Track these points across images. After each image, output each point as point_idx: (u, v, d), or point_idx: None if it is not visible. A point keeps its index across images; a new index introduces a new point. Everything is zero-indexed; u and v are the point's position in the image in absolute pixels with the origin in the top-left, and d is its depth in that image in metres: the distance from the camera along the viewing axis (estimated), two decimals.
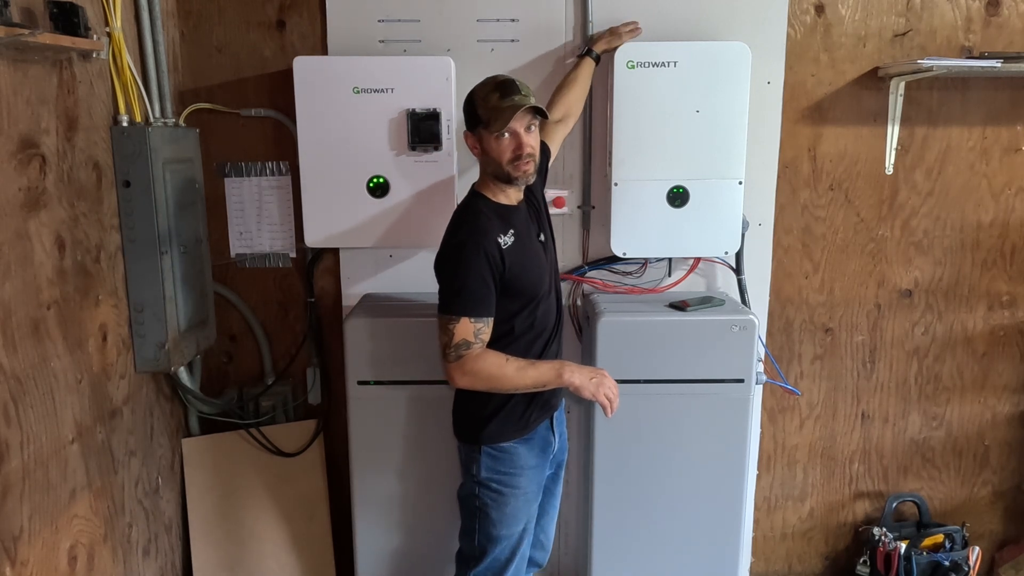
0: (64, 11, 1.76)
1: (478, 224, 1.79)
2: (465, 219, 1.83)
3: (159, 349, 2.15)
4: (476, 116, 1.80)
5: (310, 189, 2.29)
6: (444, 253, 1.80)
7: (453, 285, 1.77)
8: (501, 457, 1.91)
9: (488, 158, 1.81)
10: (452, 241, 1.80)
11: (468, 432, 1.94)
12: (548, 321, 1.94)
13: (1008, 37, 2.40)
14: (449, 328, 1.76)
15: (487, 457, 1.91)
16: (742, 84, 2.22)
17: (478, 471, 1.92)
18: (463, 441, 1.96)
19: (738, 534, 2.35)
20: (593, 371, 1.87)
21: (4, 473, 1.62)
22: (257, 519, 2.54)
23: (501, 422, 1.90)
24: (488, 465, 1.91)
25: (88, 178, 1.95)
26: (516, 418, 1.91)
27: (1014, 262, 2.56)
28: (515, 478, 1.92)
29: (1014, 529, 2.75)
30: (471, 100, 1.81)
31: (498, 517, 1.93)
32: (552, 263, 1.99)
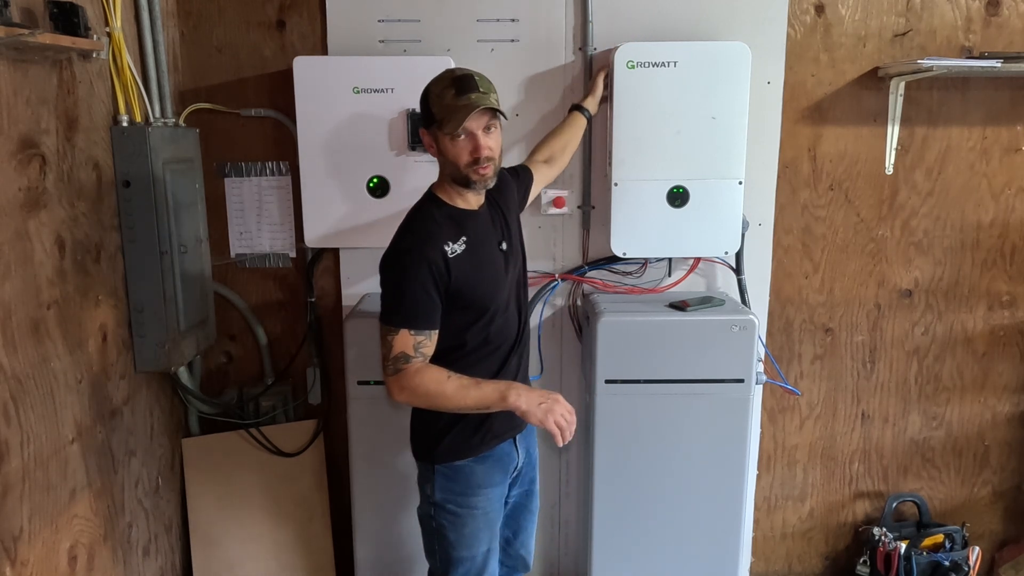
0: (64, 11, 1.76)
1: (425, 230, 1.69)
2: (413, 225, 1.73)
3: (159, 349, 2.15)
4: (430, 114, 1.69)
5: (310, 189, 2.29)
6: (387, 258, 1.69)
7: (394, 295, 1.67)
8: (456, 477, 1.81)
9: (445, 159, 1.71)
10: (397, 246, 1.70)
11: (421, 449, 1.84)
12: (506, 336, 1.82)
13: (1008, 37, 2.40)
14: (388, 340, 1.67)
15: (441, 477, 1.81)
16: (742, 84, 2.22)
17: (433, 491, 1.82)
18: (417, 459, 1.87)
19: (738, 534, 2.35)
20: (543, 395, 1.71)
21: (4, 473, 1.62)
22: (257, 519, 2.54)
23: (455, 439, 1.79)
24: (442, 485, 1.81)
25: (88, 178, 1.95)
26: (470, 435, 1.80)
27: (1014, 262, 2.56)
28: (471, 498, 1.82)
29: (1014, 529, 2.75)
30: (425, 96, 1.70)
31: (456, 539, 1.83)
32: (516, 274, 1.87)
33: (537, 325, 2.51)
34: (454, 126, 1.65)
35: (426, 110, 1.70)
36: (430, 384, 1.67)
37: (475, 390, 1.68)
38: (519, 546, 2.05)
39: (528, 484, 2.02)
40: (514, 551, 2.05)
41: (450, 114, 1.64)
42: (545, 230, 2.49)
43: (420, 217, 1.74)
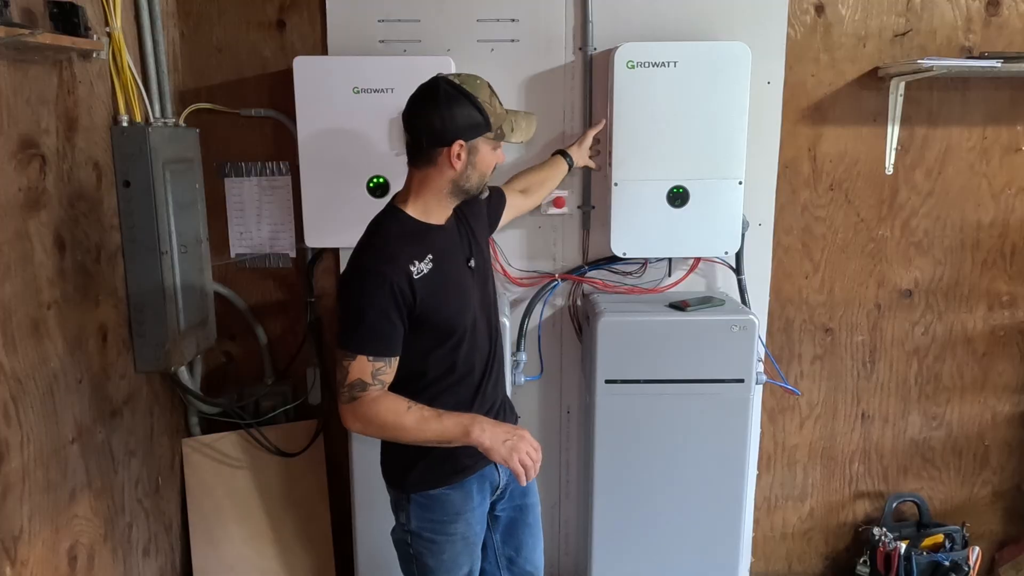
0: (64, 11, 1.76)
1: (387, 250, 1.57)
2: (373, 241, 1.61)
3: (159, 349, 2.15)
4: (486, 123, 1.58)
5: (310, 189, 2.29)
6: (345, 277, 1.58)
7: (351, 317, 1.55)
8: (431, 505, 1.71)
9: (472, 170, 1.60)
10: (356, 265, 1.58)
11: (393, 478, 1.74)
12: (474, 363, 1.70)
13: (1008, 37, 2.40)
14: (344, 365, 1.56)
15: (416, 506, 1.71)
16: (742, 84, 2.22)
17: (407, 520, 1.73)
18: (389, 486, 1.77)
19: (738, 534, 2.35)
20: (509, 431, 1.60)
21: (4, 473, 1.62)
22: (257, 519, 2.54)
23: (428, 468, 1.69)
24: (418, 514, 1.72)
25: (88, 178, 1.95)
26: (442, 462, 1.68)
27: (1014, 262, 2.56)
28: (450, 525, 1.73)
29: (1014, 529, 2.74)
30: (473, 104, 1.57)
31: (436, 564, 1.74)
32: (486, 294, 1.76)
33: (537, 325, 2.51)
34: (525, 135, 1.66)
35: (474, 118, 1.57)
36: (387, 415, 1.56)
37: (435, 423, 1.57)
38: (524, 563, 1.95)
39: (520, 499, 1.90)
40: (520, 569, 1.95)
41: (509, 122, 1.63)
42: (545, 230, 2.49)
43: (381, 234, 1.61)
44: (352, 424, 1.59)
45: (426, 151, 1.59)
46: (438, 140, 1.56)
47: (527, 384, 2.51)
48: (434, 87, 1.58)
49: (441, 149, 1.57)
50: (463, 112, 1.56)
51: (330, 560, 2.59)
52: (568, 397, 2.60)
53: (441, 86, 1.57)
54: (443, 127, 1.55)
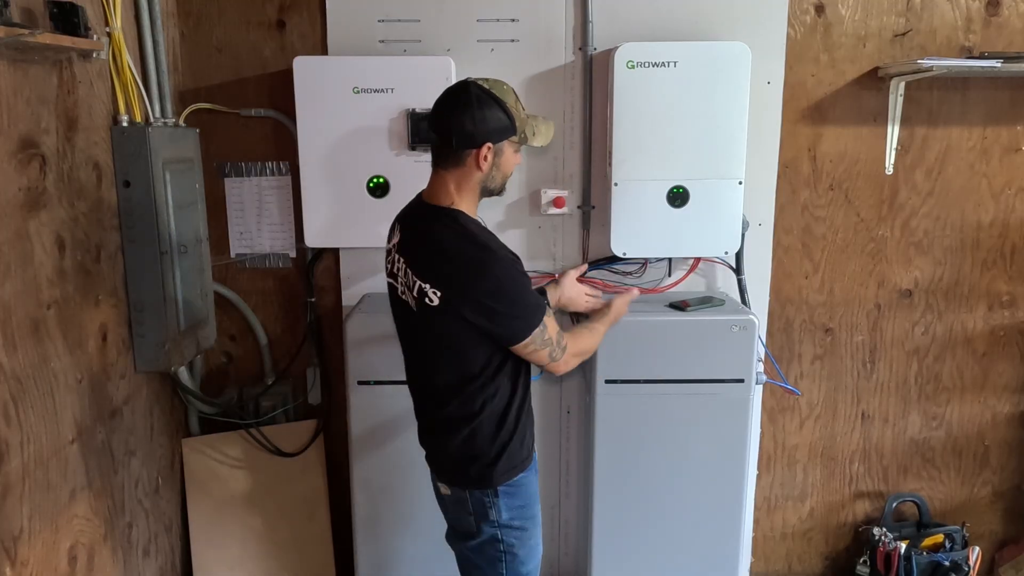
0: (64, 11, 1.76)
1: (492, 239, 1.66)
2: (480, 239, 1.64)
3: (159, 349, 2.15)
4: (513, 127, 1.64)
5: (310, 189, 2.29)
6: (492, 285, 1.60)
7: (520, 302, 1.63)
8: (517, 492, 1.78)
9: (497, 171, 1.67)
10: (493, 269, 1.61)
11: (477, 478, 1.76)
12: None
13: (1008, 37, 2.40)
14: (545, 337, 1.67)
15: (504, 497, 1.77)
16: (742, 84, 2.22)
17: (498, 515, 1.77)
18: (474, 488, 1.77)
19: (738, 534, 2.35)
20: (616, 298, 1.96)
21: (4, 473, 1.62)
22: (257, 519, 2.54)
23: (511, 456, 1.76)
24: (507, 504, 1.77)
25: (88, 178, 1.95)
26: (521, 445, 1.79)
27: (1014, 262, 2.56)
28: (532, 507, 1.83)
29: (1014, 529, 2.74)
30: (503, 108, 1.63)
31: (524, 554, 1.82)
32: None
33: None
34: (544, 139, 1.72)
35: (503, 123, 1.63)
36: (584, 342, 1.82)
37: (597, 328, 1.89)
38: None
39: None
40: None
41: (531, 127, 1.69)
42: (545, 230, 2.49)
43: (475, 229, 1.66)
44: (571, 364, 1.78)
45: (456, 152, 1.63)
46: (469, 142, 1.61)
47: None
48: (465, 90, 1.62)
49: (471, 151, 1.62)
50: (493, 116, 1.61)
51: (330, 560, 2.59)
52: (568, 397, 2.60)
53: (472, 90, 1.61)
54: (474, 130, 1.60)
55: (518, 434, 1.77)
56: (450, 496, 1.83)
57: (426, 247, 1.66)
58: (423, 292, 1.63)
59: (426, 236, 1.67)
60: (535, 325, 1.64)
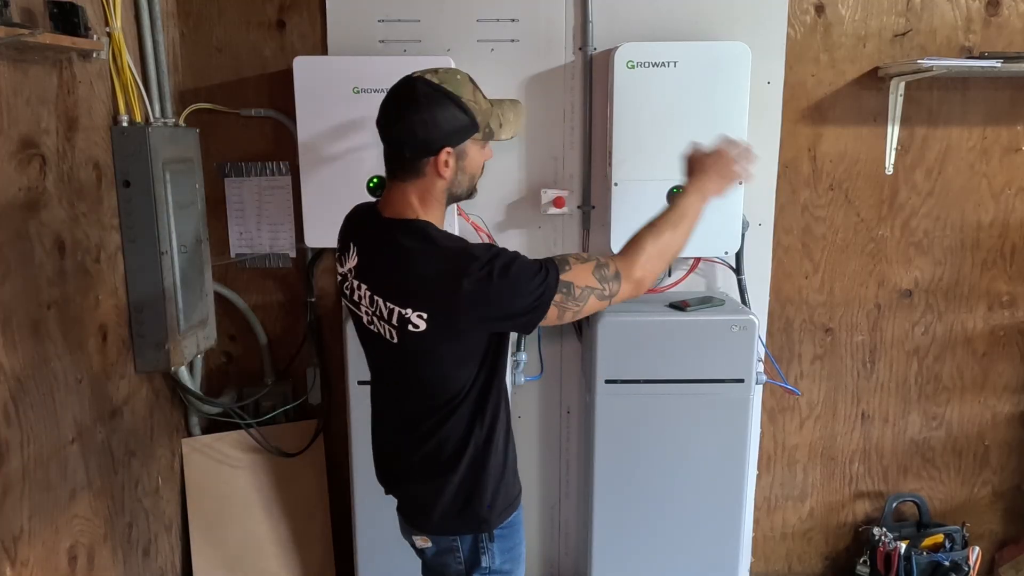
0: (64, 11, 1.76)
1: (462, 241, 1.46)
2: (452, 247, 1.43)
3: (159, 349, 2.15)
4: (473, 124, 1.42)
5: (310, 189, 2.29)
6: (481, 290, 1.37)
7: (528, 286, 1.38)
8: (510, 533, 1.62)
9: (463, 176, 1.46)
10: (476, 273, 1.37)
11: (474, 522, 1.57)
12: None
13: (1008, 37, 2.40)
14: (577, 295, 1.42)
15: (499, 540, 1.59)
16: (742, 84, 2.22)
17: (491, 560, 1.59)
18: (466, 533, 1.58)
19: (738, 534, 2.35)
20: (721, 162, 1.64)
21: (4, 473, 1.62)
22: (257, 519, 2.54)
23: (505, 494, 1.59)
24: (500, 548, 1.60)
25: (88, 178, 1.95)
26: (514, 477, 1.63)
27: (1014, 262, 2.56)
28: (519, 546, 1.67)
29: (1014, 529, 2.74)
30: (459, 105, 1.40)
31: None
32: None
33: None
34: (513, 129, 1.48)
35: (461, 122, 1.40)
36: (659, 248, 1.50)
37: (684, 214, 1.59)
38: None
39: None
40: None
41: (496, 118, 1.45)
42: (545, 230, 2.49)
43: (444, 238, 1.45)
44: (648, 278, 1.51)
45: (410, 162, 1.42)
46: (424, 150, 1.40)
47: (527, 384, 2.51)
48: (411, 89, 1.40)
49: (427, 159, 1.40)
50: (448, 115, 1.39)
51: (330, 560, 2.59)
52: (568, 397, 2.60)
53: (420, 88, 1.39)
54: (427, 135, 1.38)
55: (510, 464, 1.61)
56: (431, 548, 1.63)
57: (398, 269, 1.43)
58: (404, 319, 1.41)
59: (395, 257, 1.43)
60: (552, 292, 1.40)
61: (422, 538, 1.63)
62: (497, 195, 2.44)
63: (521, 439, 2.57)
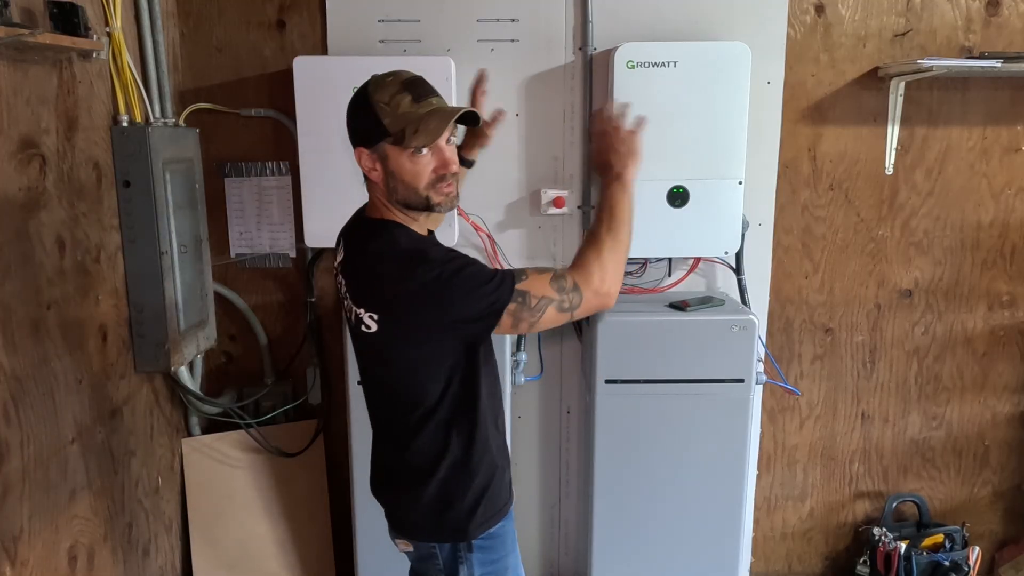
0: (64, 11, 1.76)
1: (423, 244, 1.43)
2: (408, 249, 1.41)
3: (159, 349, 2.15)
4: (380, 127, 1.37)
5: (310, 189, 2.29)
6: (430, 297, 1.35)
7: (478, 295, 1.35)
8: (493, 545, 1.56)
9: (396, 182, 1.41)
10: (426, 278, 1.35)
11: (449, 531, 1.54)
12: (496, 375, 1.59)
13: (1008, 37, 2.40)
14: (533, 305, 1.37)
15: (479, 552, 1.54)
16: (742, 84, 2.22)
17: (471, 570, 1.55)
18: (444, 542, 1.55)
19: (738, 534, 2.35)
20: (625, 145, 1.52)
21: (4, 473, 1.62)
22: (257, 519, 2.54)
23: (488, 505, 1.54)
24: (482, 560, 1.55)
25: (88, 178, 1.95)
26: (498, 494, 1.57)
27: (1014, 262, 2.56)
28: (508, 557, 1.61)
29: (1014, 529, 2.74)
30: (368, 106, 1.38)
31: None
32: None
33: None
34: (426, 139, 1.37)
35: (368, 123, 1.38)
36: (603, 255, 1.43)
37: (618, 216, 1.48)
38: None
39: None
40: None
41: (415, 124, 1.36)
42: (545, 230, 2.49)
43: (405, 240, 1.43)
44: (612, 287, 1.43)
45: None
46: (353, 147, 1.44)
47: (527, 384, 2.51)
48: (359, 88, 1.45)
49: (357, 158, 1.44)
50: (358, 116, 1.41)
51: (330, 560, 2.59)
52: (568, 397, 2.60)
53: (359, 88, 1.44)
54: (349, 133, 1.44)
55: (497, 476, 1.57)
56: (414, 553, 1.61)
57: (362, 268, 1.45)
58: (359, 319, 1.43)
59: (361, 254, 1.46)
60: (506, 301, 1.36)
61: (404, 542, 1.62)
62: (497, 195, 2.44)
63: (521, 439, 2.58)
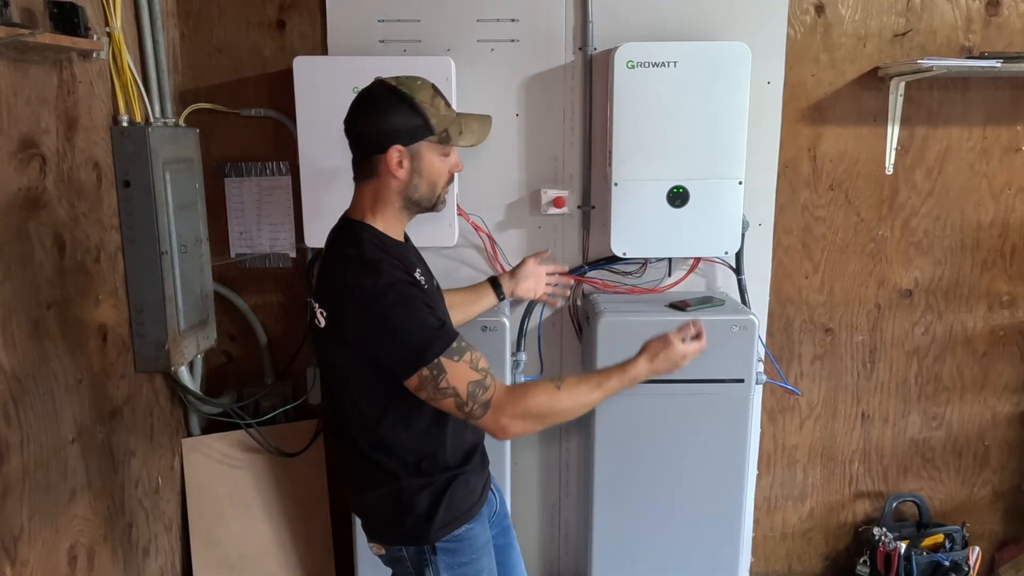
0: (64, 11, 1.76)
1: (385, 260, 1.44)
2: (363, 258, 1.43)
3: (159, 349, 2.15)
4: (427, 126, 1.45)
5: (310, 189, 2.29)
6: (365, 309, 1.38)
7: (402, 335, 1.38)
8: (459, 548, 1.55)
9: (420, 180, 1.47)
10: (364, 288, 1.39)
11: (410, 534, 1.54)
12: None
13: (1008, 37, 2.40)
14: (441, 385, 1.38)
15: (444, 555, 1.54)
16: (742, 84, 2.22)
17: (436, 574, 1.55)
18: (406, 545, 1.55)
19: (738, 534, 2.35)
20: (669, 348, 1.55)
21: (4, 473, 1.62)
22: (257, 519, 2.54)
23: (450, 507, 1.54)
24: (447, 563, 1.54)
25: (88, 178, 1.95)
26: (464, 497, 1.57)
27: (1014, 262, 2.56)
28: (479, 561, 1.60)
29: (1014, 529, 2.74)
30: (413, 105, 1.44)
31: None
32: None
33: (537, 325, 2.51)
34: (473, 138, 1.49)
35: (412, 121, 1.44)
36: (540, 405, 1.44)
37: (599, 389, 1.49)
38: None
39: (504, 520, 1.82)
40: None
41: (456, 124, 1.47)
42: (545, 230, 2.49)
43: (365, 248, 1.45)
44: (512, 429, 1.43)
45: (365, 160, 1.48)
46: (375, 147, 1.45)
47: None
48: (369, 91, 1.48)
49: (380, 157, 1.45)
50: (399, 115, 1.44)
51: (330, 560, 2.59)
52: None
53: (377, 90, 1.48)
54: (378, 132, 1.44)
55: (460, 481, 1.56)
56: (385, 556, 1.62)
57: (323, 263, 1.51)
58: (314, 311, 1.48)
59: (328, 252, 1.53)
60: (421, 362, 1.37)
61: (376, 546, 1.63)
62: (497, 195, 2.44)
63: (521, 439, 2.57)
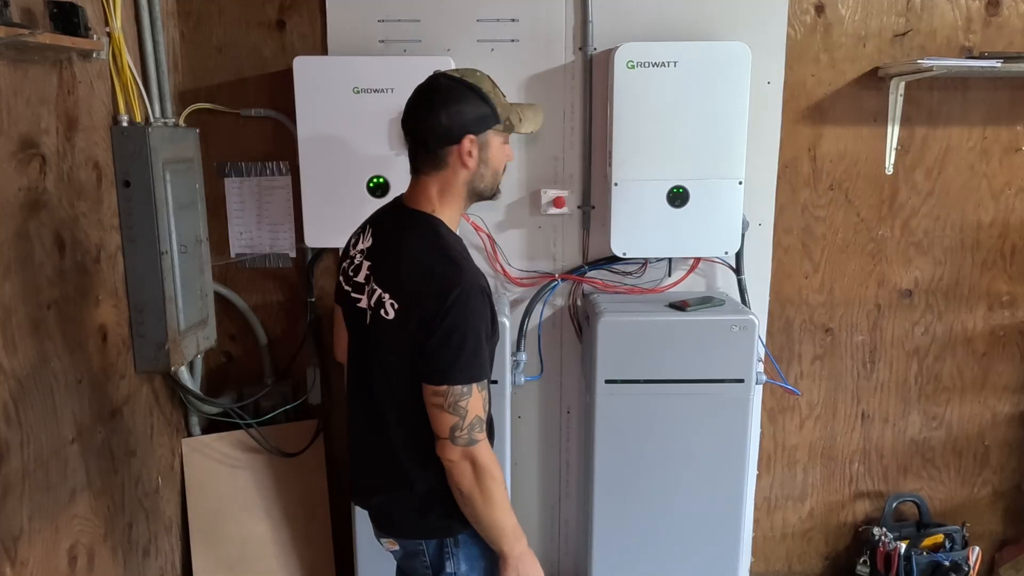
0: (64, 11, 1.76)
1: (471, 264, 1.45)
2: (453, 254, 1.44)
3: (159, 349, 2.15)
4: (495, 114, 1.46)
5: (310, 189, 2.29)
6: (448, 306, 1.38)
7: (464, 343, 1.38)
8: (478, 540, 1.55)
9: (487, 169, 1.49)
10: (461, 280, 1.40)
11: (441, 526, 1.53)
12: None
13: (1008, 37, 2.40)
14: (461, 405, 1.38)
15: (465, 546, 1.55)
16: (742, 84, 2.22)
17: (456, 566, 1.56)
18: (431, 538, 1.55)
19: (738, 534, 2.35)
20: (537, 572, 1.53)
21: (4, 473, 1.62)
22: (257, 519, 2.54)
23: None
24: (467, 554, 1.56)
25: (88, 178, 1.95)
26: None
27: (1014, 262, 2.56)
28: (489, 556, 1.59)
29: (1014, 529, 2.74)
30: (481, 95, 1.45)
31: None
32: None
33: (537, 325, 2.51)
34: (534, 125, 1.53)
35: (484, 110, 1.45)
36: (497, 470, 1.43)
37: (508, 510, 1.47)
38: None
39: None
40: None
41: (516, 112, 1.49)
42: (545, 230, 2.49)
43: (453, 245, 1.46)
44: (466, 473, 1.42)
45: (434, 153, 1.46)
46: (446, 138, 1.44)
47: (527, 384, 2.51)
48: (434, 84, 1.48)
49: (451, 148, 1.44)
50: (469, 104, 1.44)
51: (330, 560, 2.59)
52: (568, 397, 2.60)
53: (442, 81, 1.47)
54: (450, 123, 1.43)
55: None
56: (399, 551, 1.62)
57: (394, 253, 1.48)
58: (380, 302, 1.46)
59: (398, 242, 1.49)
60: (460, 380, 1.39)
61: (389, 541, 1.63)
62: None
63: (521, 439, 2.58)
